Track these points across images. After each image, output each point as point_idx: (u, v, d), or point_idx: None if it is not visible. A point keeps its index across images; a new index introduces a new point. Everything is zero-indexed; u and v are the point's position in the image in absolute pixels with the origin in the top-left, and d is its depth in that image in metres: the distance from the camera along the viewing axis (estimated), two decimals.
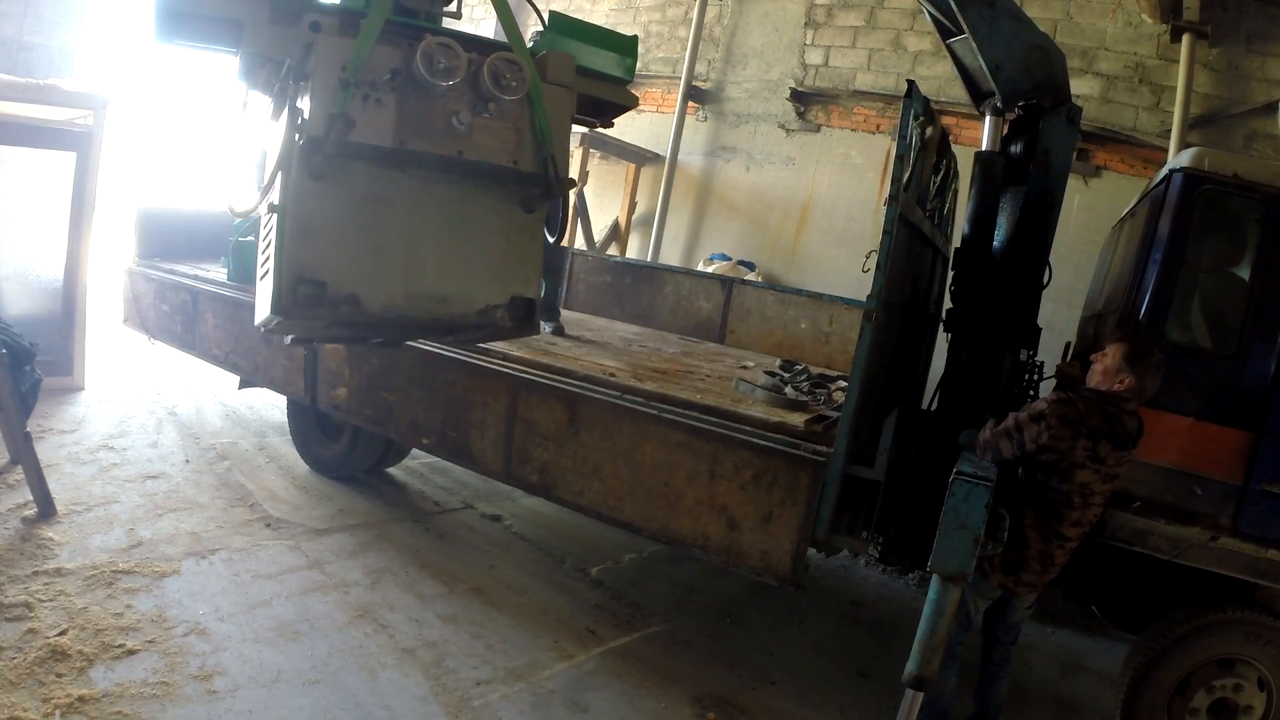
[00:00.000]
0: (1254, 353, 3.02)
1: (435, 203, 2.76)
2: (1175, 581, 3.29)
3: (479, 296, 2.87)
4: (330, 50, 2.49)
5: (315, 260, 2.58)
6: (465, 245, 2.84)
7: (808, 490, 3.00)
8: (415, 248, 2.75)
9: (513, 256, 2.92)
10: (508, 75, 2.68)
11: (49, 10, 7.13)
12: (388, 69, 2.57)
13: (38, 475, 3.98)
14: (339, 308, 2.62)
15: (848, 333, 5.19)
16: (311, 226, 2.57)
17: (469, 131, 2.70)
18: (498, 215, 2.87)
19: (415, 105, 2.63)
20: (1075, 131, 3.58)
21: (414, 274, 2.76)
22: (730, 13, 8.44)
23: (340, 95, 2.47)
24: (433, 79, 2.56)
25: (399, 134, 2.60)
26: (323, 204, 2.58)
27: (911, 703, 2.84)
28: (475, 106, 2.71)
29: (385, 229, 2.69)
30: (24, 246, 5.94)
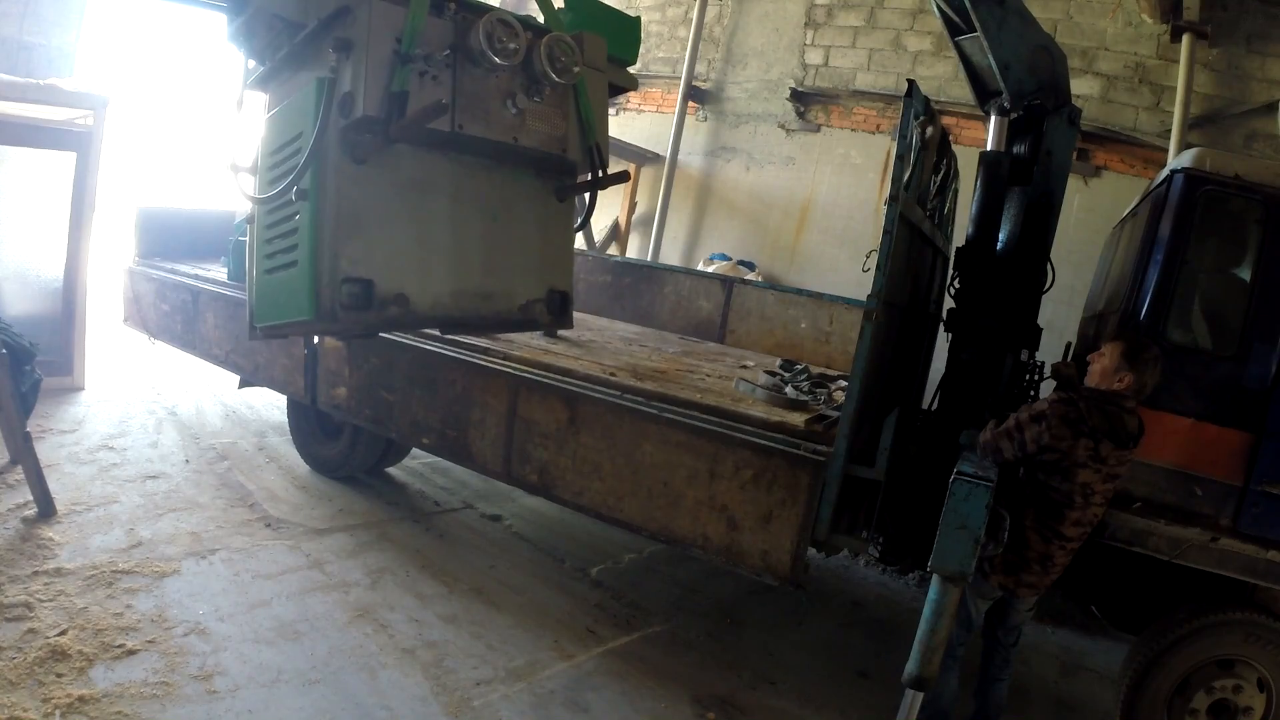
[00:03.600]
0: (1254, 353, 3.02)
1: (478, 191, 2.55)
2: (1175, 582, 3.29)
3: (520, 291, 2.70)
4: (382, 18, 2.21)
5: (360, 255, 2.30)
6: (507, 237, 2.64)
7: (808, 490, 3.00)
8: (460, 240, 2.53)
9: (550, 248, 2.78)
10: (563, 58, 2.49)
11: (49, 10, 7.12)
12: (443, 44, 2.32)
13: (38, 475, 3.98)
14: (387, 309, 2.36)
15: (848, 332, 5.19)
16: (355, 216, 2.28)
17: (521, 117, 2.50)
18: (535, 205, 2.71)
19: (471, 86, 2.39)
20: (1075, 132, 3.59)
21: (460, 268, 2.54)
22: (730, 13, 8.44)
23: (400, 72, 2.21)
24: (495, 58, 2.32)
25: (456, 117, 2.36)
26: (366, 191, 2.30)
27: (911, 703, 2.84)
28: (529, 90, 2.51)
29: (431, 219, 2.45)
30: (24, 246, 5.94)
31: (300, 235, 2.32)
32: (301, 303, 2.33)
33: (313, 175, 2.24)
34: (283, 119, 2.45)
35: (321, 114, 2.20)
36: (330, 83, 2.21)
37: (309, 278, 2.29)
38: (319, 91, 2.22)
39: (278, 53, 2.45)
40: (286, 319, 2.51)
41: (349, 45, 2.22)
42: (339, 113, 2.21)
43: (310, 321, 2.38)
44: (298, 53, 2.38)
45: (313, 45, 2.34)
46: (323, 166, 2.24)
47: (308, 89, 2.29)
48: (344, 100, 2.22)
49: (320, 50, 2.30)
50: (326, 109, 2.20)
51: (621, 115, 9.20)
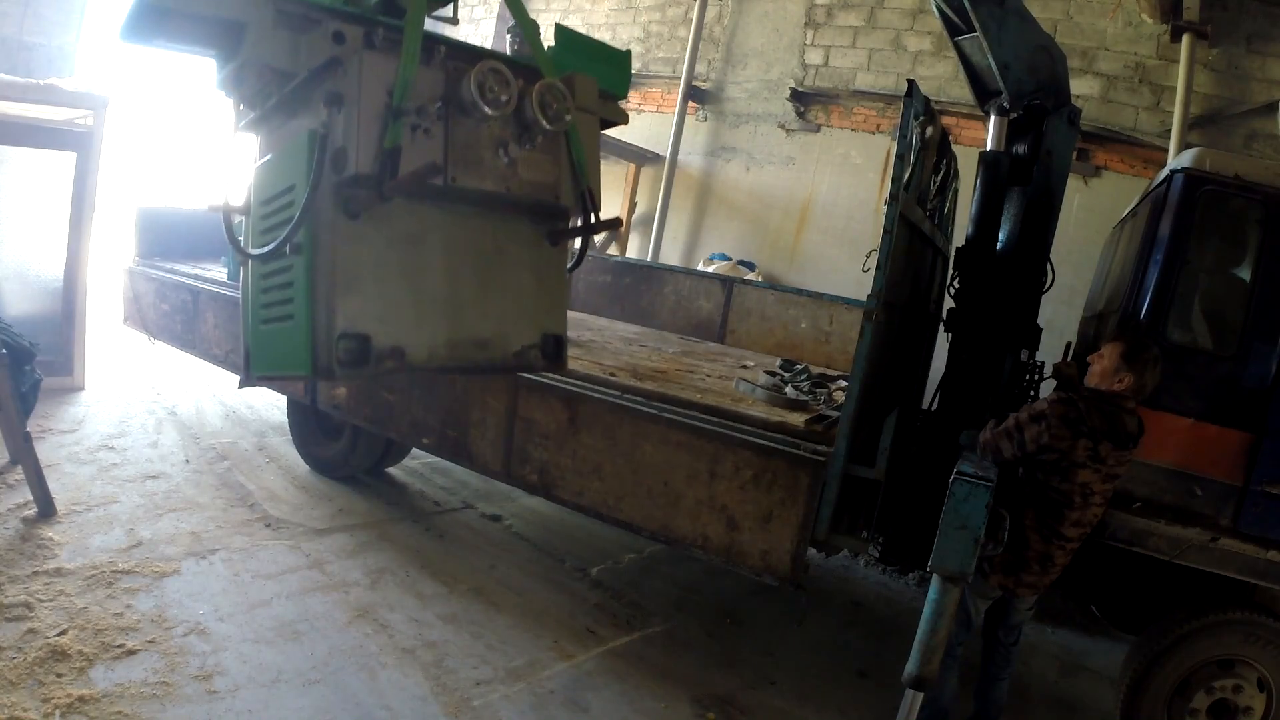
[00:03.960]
0: (1254, 353, 3.02)
1: (471, 239, 2.53)
2: (1175, 582, 3.29)
3: (515, 337, 2.69)
4: (373, 71, 2.19)
5: (356, 310, 2.27)
6: (501, 284, 2.63)
7: (808, 490, 3.00)
8: (455, 289, 2.51)
9: (543, 293, 2.76)
10: (555, 104, 2.47)
11: (49, 10, 7.12)
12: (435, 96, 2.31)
13: (38, 475, 3.98)
14: (383, 363, 2.34)
15: (848, 332, 5.19)
16: (351, 272, 2.26)
17: (513, 165, 2.48)
18: (528, 250, 2.69)
19: (463, 137, 2.37)
20: (1075, 132, 3.59)
21: (455, 318, 2.52)
22: (730, 13, 8.44)
23: (392, 127, 2.19)
24: (487, 108, 2.32)
25: (449, 169, 2.34)
26: (360, 246, 2.27)
27: (911, 703, 2.84)
28: (520, 137, 2.49)
29: (425, 270, 2.43)
30: (24, 246, 5.94)
31: (295, 290, 2.31)
32: (299, 358, 2.33)
33: (306, 230, 2.23)
34: (274, 168, 2.43)
35: (314, 170, 2.18)
36: (322, 138, 2.19)
37: (306, 334, 2.28)
38: (310, 145, 2.21)
39: (268, 100, 2.43)
40: (284, 371, 2.51)
41: (340, 99, 2.20)
42: (331, 168, 2.20)
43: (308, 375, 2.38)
44: (288, 101, 2.37)
45: (303, 94, 2.32)
46: (316, 221, 2.23)
47: (299, 141, 2.27)
48: (336, 155, 2.20)
49: (311, 99, 2.29)
50: (319, 164, 2.19)
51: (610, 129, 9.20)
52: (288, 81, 2.32)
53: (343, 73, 2.21)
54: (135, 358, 7.06)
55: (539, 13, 10.03)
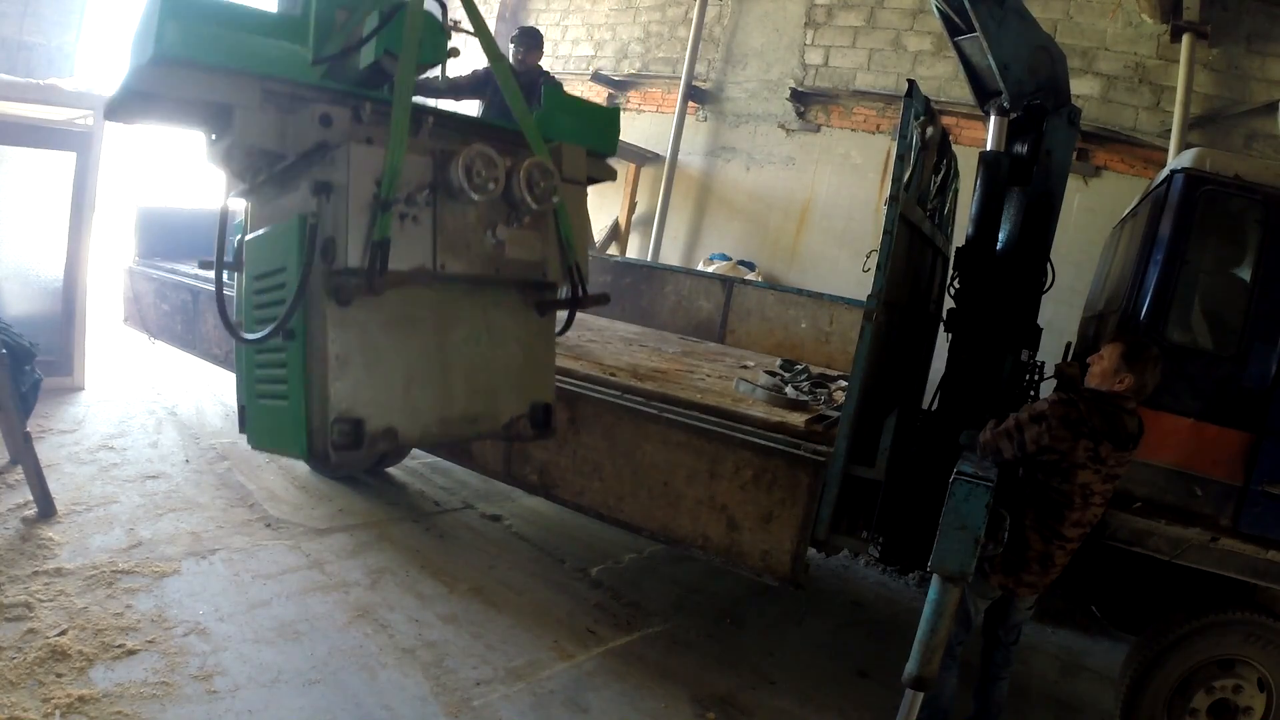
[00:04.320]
0: (1255, 353, 3.02)
1: (460, 317, 2.56)
2: (1176, 582, 3.29)
3: (504, 410, 2.71)
4: (361, 161, 2.21)
5: (349, 395, 2.29)
6: (490, 358, 2.66)
7: (808, 490, 3.00)
8: (445, 368, 2.54)
9: (532, 363, 2.78)
10: (542, 183, 2.49)
11: (49, 10, 7.12)
12: (423, 182, 2.33)
13: (38, 475, 3.97)
14: (376, 444, 2.37)
15: (848, 332, 5.19)
16: (344, 357, 2.28)
17: (501, 246, 2.51)
18: (517, 323, 2.71)
19: (451, 220, 2.40)
20: (1075, 132, 3.59)
21: (446, 396, 2.55)
22: (730, 13, 8.44)
23: (381, 219, 2.20)
24: (474, 194, 2.33)
25: (438, 256, 2.37)
26: (352, 331, 2.30)
27: (911, 703, 2.84)
28: (508, 217, 2.51)
29: (416, 351, 2.46)
30: (24, 246, 5.93)
31: (289, 373, 2.35)
32: (294, 440, 2.36)
33: (299, 315, 2.26)
34: (266, 245, 2.46)
35: (304, 259, 2.20)
36: (312, 228, 2.21)
37: (300, 418, 2.32)
38: (301, 231, 2.23)
39: (258, 176, 2.46)
40: (280, 450, 2.57)
41: (328, 188, 2.22)
42: (321, 257, 2.22)
43: (303, 457, 2.45)
44: (278, 177, 2.40)
45: (293, 173, 2.35)
46: (308, 307, 2.26)
47: (290, 226, 2.29)
48: (326, 245, 2.22)
49: (301, 179, 2.31)
50: (309, 253, 2.20)
51: (621, 115, 9.20)
52: (276, 161, 2.35)
53: (330, 161, 2.24)
54: (135, 358, 7.06)
55: (539, 13, 10.03)
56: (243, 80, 2.19)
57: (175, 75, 2.07)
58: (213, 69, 2.13)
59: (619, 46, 9.25)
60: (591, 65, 9.32)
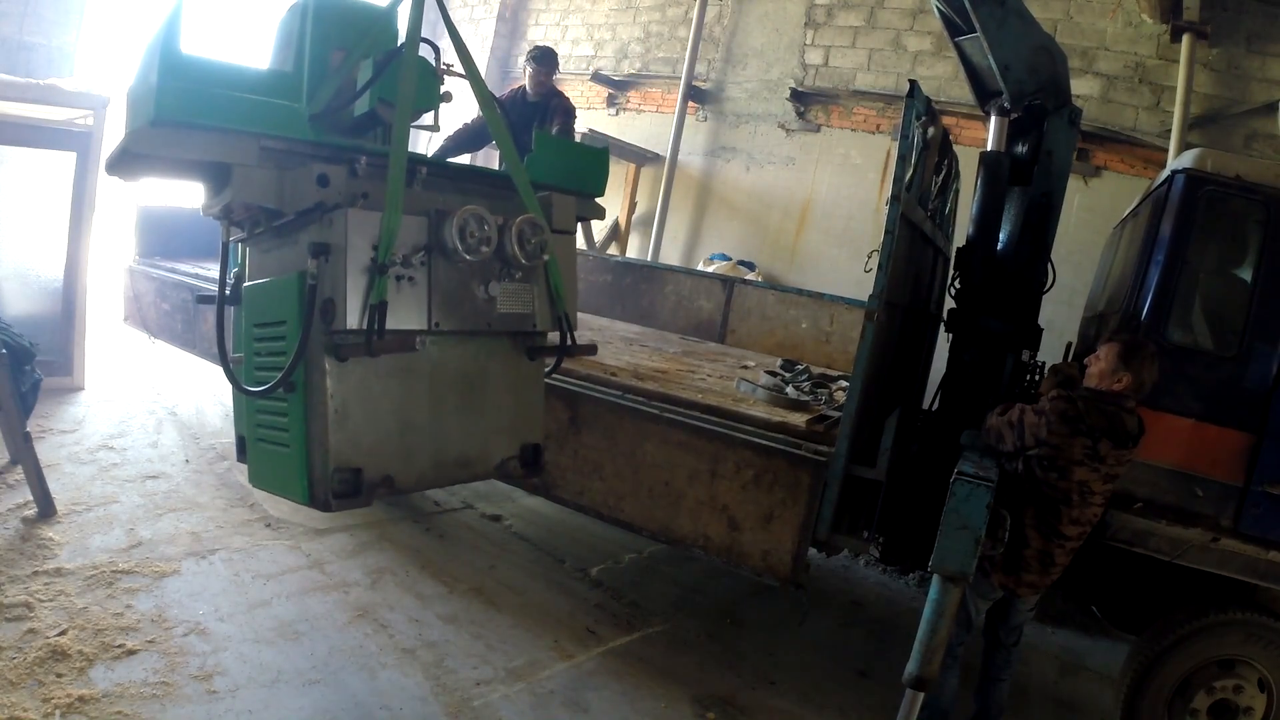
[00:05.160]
0: (1255, 354, 3.02)
1: (454, 366, 2.63)
2: (1176, 582, 3.29)
3: (495, 452, 2.80)
4: (358, 226, 2.27)
5: (348, 446, 2.38)
6: (482, 403, 2.74)
7: (809, 490, 3.00)
8: (439, 415, 2.62)
9: (522, 407, 2.87)
10: (532, 239, 2.59)
11: (49, 10, 7.12)
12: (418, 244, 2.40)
13: (38, 475, 3.97)
14: (375, 492, 2.46)
15: (849, 333, 5.19)
16: (342, 410, 2.37)
17: (493, 301, 2.60)
18: (508, 368, 2.80)
19: (445, 279, 2.48)
20: (1075, 132, 3.59)
21: (440, 442, 2.64)
22: (730, 13, 8.44)
23: (378, 283, 2.27)
24: (467, 255, 2.42)
25: (433, 315, 2.45)
26: (350, 384, 2.38)
27: (911, 703, 2.84)
28: (500, 272, 2.60)
29: (411, 401, 2.53)
30: (24, 246, 5.93)
31: (290, 423, 2.42)
32: (295, 487, 2.44)
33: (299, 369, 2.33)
34: (267, 297, 2.51)
35: (304, 319, 2.27)
36: (311, 288, 2.28)
37: (301, 467, 2.39)
38: (300, 288, 2.29)
39: (257, 228, 2.53)
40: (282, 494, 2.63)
41: (326, 250, 2.28)
42: (320, 317, 2.28)
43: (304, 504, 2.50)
44: (277, 231, 2.45)
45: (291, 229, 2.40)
46: (308, 362, 2.33)
47: (290, 282, 2.35)
48: (325, 306, 2.28)
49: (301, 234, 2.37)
50: (309, 313, 2.27)
51: (621, 115, 9.21)
52: (274, 217, 2.41)
53: (328, 223, 2.29)
54: (135, 358, 7.06)
55: (539, 13, 10.03)
56: (240, 139, 2.24)
57: (174, 137, 2.12)
58: (210, 129, 2.18)
59: (619, 46, 9.25)
60: (591, 65, 9.32)
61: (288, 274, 2.37)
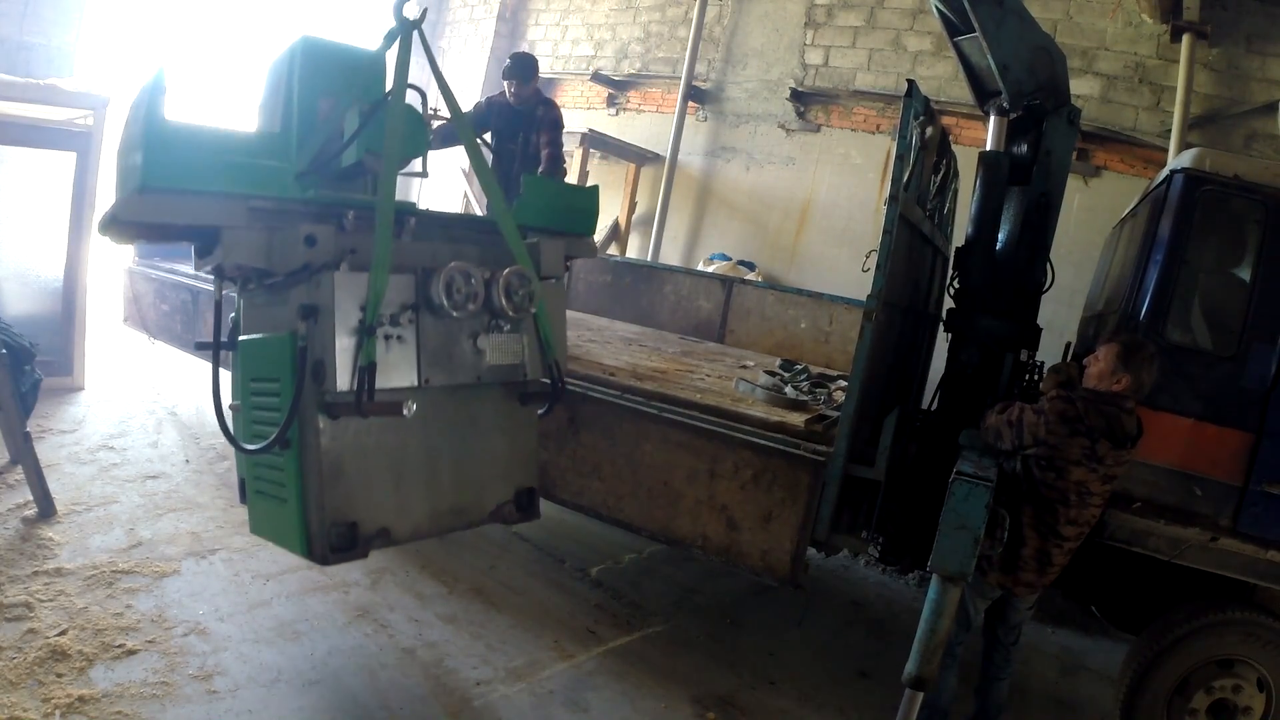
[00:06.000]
0: (1254, 354, 3.02)
1: (446, 416, 2.66)
2: (1175, 582, 3.29)
3: (490, 498, 2.84)
4: (345, 289, 2.31)
5: (343, 501, 2.43)
6: (475, 451, 2.77)
7: (808, 490, 3.00)
8: (433, 466, 2.66)
9: (515, 451, 2.90)
10: (520, 291, 2.62)
11: (49, 10, 7.11)
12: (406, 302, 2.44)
13: (38, 475, 3.97)
14: (371, 544, 2.51)
15: (848, 332, 5.20)
16: (337, 466, 2.41)
17: (483, 354, 2.63)
18: (500, 415, 2.83)
19: (433, 335, 2.51)
20: (1075, 132, 3.59)
21: (434, 492, 2.67)
22: (730, 13, 8.44)
23: (367, 345, 2.30)
24: (455, 312, 2.46)
25: (422, 371, 2.48)
26: (344, 441, 2.42)
27: (911, 703, 2.84)
28: (489, 325, 2.63)
29: (404, 453, 2.57)
30: (24, 246, 5.93)
31: (286, 477, 2.46)
32: (294, 540, 2.48)
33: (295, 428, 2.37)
34: (261, 353, 2.55)
35: (297, 378, 2.31)
36: (301, 350, 2.32)
37: (298, 524, 2.43)
38: (292, 349, 2.33)
39: (249, 284, 2.57)
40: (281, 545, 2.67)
41: (315, 312, 2.31)
42: (312, 378, 2.32)
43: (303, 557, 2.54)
44: (269, 289, 2.49)
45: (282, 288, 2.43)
46: (302, 419, 2.36)
47: (282, 342, 2.38)
48: (316, 367, 2.32)
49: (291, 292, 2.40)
50: (301, 375, 2.30)
51: (621, 115, 9.22)
52: (265, 275, 2.44)
53: (316, 284, 2.32)
54: (135, 358, 7.06)
55: (539, 13, 10.03)
56: (227, 201, 2.28)
57: (162, 203, 2.16)
58: (197, 194, 2.21)
59: (619, 46, 9.25)
60: (591, 65, 9.32)
61: (280, 333, 2.40)
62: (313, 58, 2.66)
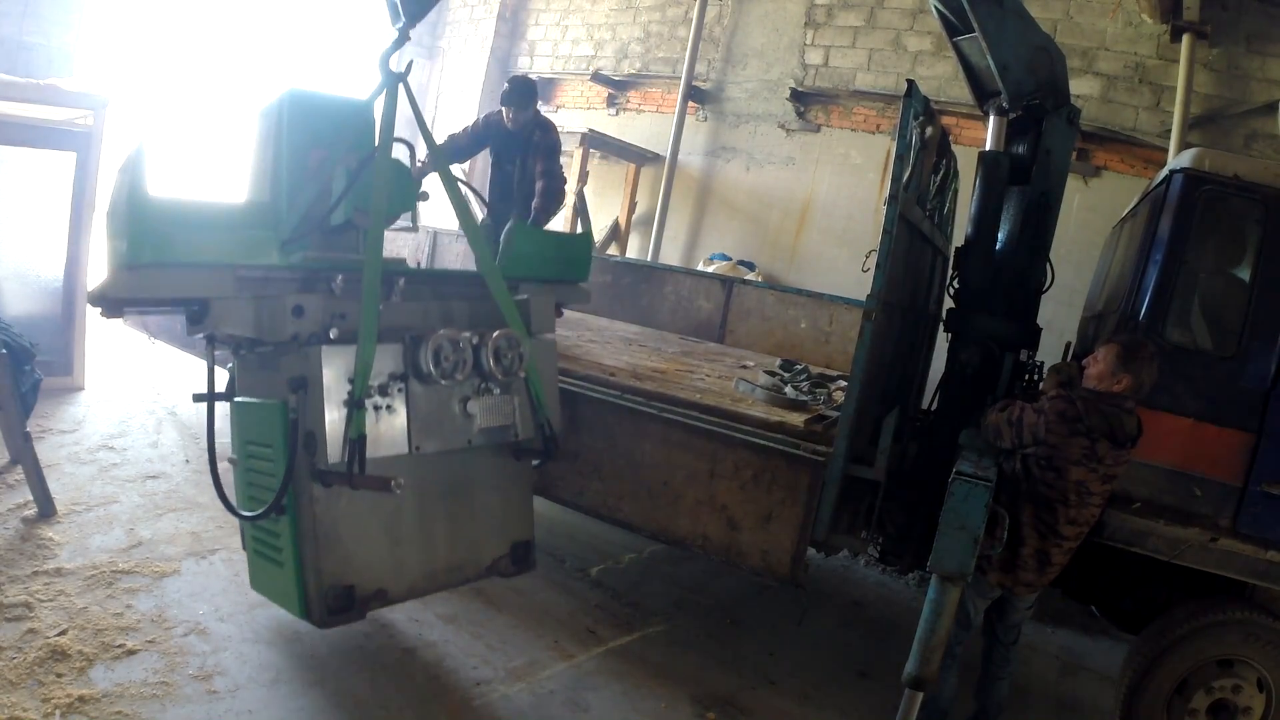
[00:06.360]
0: (1254, 354, 3.02)
1: (439, 478, 2.68)
2: (1175, 582, 3.29)
3: (486, 554, 2.87)
4: (334, 365, 2.34)
5: (339, 565, 2.46)
6: (470, 509, 2.80)
7: (807, 490, 3.01)
8: (427, 526, 2.68)
9: (509, 506, 2.93)
10: (509, 354, 2.64)
11: (49, 10, 7.12)
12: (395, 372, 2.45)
13: (38, 475, 3.97)
14: (368, 606, 2.55)
15: (848, 332, 5.19)
16: (332, 532, 2.44)
17: (473, 419, 2.64)
18: (493, 471, 2.85)
19: (423, 403, 2.53)
20: (1074, 132, 3.59)
21: (430, 551, 2.70)
22: (730, 13, 8.44)
23: (356, 418, 2.32)
24: (443, 381, 2.48)
25: (413, 439, 2.50)
26: (339, 507, 2.45)
27: (911, 703, 2.84)
28: (479, 388, 2.65)
29: (399, 516, 2.59)
30: (24, 246, 5.93)
31: (283, 542, 2.49)
32: (292, 602, 2.53)
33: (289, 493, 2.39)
34: (254, 418, 2.58)
35: (289, 448, 2.33)
36: (293, 422, 2.34)
37: (295, 587, 2.47)
38: (283, 418, 2.35)
39: (240, 349, 2.59)
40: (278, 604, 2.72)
41: (304, 384, 2.34)
42: (304, 447, 2.35)
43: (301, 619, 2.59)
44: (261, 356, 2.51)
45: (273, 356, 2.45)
46: (296, 487, 2.38)
47: (274, 410, 2.41)
48: (307, 438, 2.35)
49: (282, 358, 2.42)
50: (293, 445, 2.33)
51: (621, 115, 9.22)
52: (256, 344, 2.47)
53: (304, 356, 2.35)
54: (135, 358, 7.06)
55: (539, 13, 10.03)
56: (215, 273, 2.30)
57: (150, 279, 2.20)
58: (185, 267, 2.24)
59: (619, 46, 9.25)
60: (591, 65, 9.32)
61: (272, 400, 2.43)
62: (301, 110, 2.66)
